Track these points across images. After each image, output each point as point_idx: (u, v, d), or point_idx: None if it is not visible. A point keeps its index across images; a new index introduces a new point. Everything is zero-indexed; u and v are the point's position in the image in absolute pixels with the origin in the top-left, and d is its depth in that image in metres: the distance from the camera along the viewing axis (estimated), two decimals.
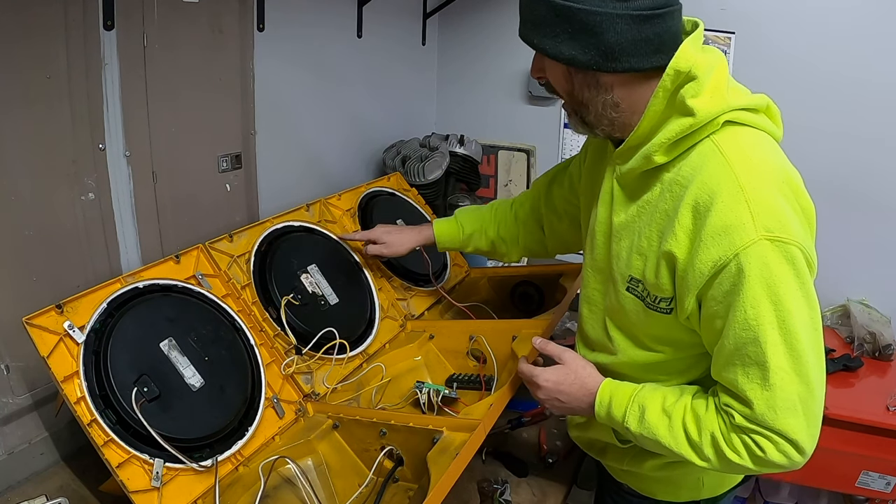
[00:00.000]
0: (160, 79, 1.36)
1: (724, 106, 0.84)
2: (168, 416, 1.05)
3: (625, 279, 0.96)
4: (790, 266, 0.80)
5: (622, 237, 0.96)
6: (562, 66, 0.89)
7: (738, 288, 0.80)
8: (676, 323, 0.91)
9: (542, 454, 1.33)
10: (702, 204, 0.83)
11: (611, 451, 1.16)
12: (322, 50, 1.86)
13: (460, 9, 2.36)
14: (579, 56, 0.84)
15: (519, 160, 2.38)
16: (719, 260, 0.80)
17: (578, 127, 0.97)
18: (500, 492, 1.19)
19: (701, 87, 0.83)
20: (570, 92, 0.92)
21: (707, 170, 0.84)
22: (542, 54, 0.90)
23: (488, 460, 1.31)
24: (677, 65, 0.83)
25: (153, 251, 1.41)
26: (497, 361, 1.42)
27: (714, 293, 0.83)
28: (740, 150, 0.84)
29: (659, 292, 0.90)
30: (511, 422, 1.41)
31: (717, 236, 0.80)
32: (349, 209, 1.68)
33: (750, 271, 0.79)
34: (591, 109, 0.91)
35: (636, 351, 1.01)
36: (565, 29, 0.83)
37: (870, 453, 1.66)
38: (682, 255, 0.85)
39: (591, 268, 1.07)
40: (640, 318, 0.96)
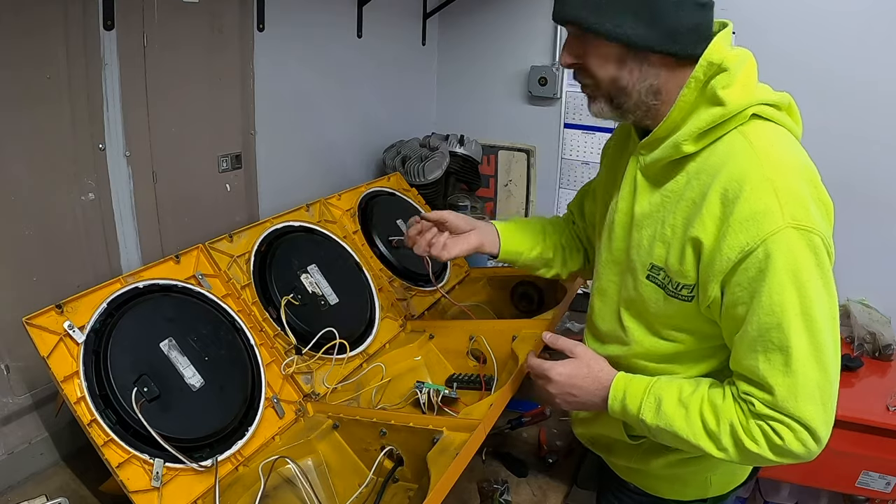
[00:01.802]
0: (160, 79, 1.36)
1: (752, 98, 0.87)
2: (168, 416, 1.05)
3: (645, 267, 0.96)
4: (813, 255, 0.82)
5: (644, 226, 0.97)
6: (616, 49, 0.88)
7: (763, 274, 0.82)
8: (696, 311, 0.92)
9: (542, 454, 1.33)
10: (731, 191, 0.84)
11: (618, 448, 1.15)
12: (322, 50, 1.86)
13: (460, 9, 2.36)
14: (644, 35, 0.85)
15: (519, 160, 2.38)
16: (747, 245, 0.82)
17: (607, 112, 0.95)
18: (500, 492, 1.19)
19: (732, 78, 0.86)
20: (615, 77, 0.90)
21: (736, 159, 0.86)
22: (597, 34, 0.87)
23: (488, 460, 1.31)
24: (710, 56, 0.86)
25: (153, 251, 1.41)
26: (497, 361, 1.42)
27: (739, 279, 0.84)
28: (767, 142, 0.87)
29: (681, 279, 0.91)
30: (511, 422, 1.41)
31: (746, 222, 0.82)
32: (349, 209, 1.68)
33: (777, 257, 0.81)
34: (632, 96, 0.91)
35: (652, 341, 1.01)
36: (629, 8, 0.85)
37: (870, 453, 1.66)
38: (709, 240, 0.86)
39: (608, 260, 1.07)
40: (660, 306, 0.96)
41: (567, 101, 2.28)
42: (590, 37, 0.89)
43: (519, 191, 2.39)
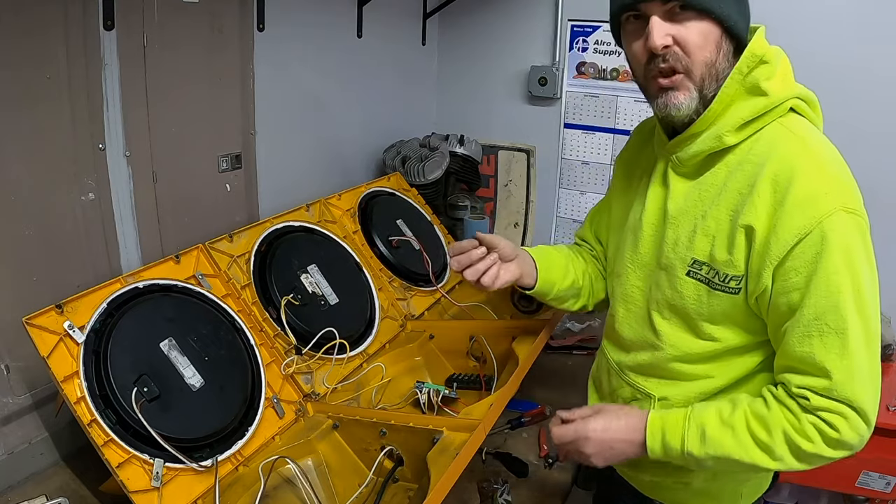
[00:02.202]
0: (160, 79, 1.36)
1: (792, 91, 0.90)
2: (168, 416, 1.05)
3: (686, 263, 0.94)
4: (862, 238, 0.84)
5: (680, 223, 0.95)
6: (717, 29, 0.86)
7: (821, 256, 0.82)
8: (742, 304, 0.91)
9: (542, 454, 1.33)
10: (782, 177, 0.84)
11: (645, 464, 1.06)
12: (322, 50, 1.86)
13: (460, 9, 2.36)
14: (740, 20, 0.87)
15: (519, 160, 2.37)
16: (803, 228, 0.82)
17: (693, 105, 0.89)
18: (500, 492, 1.19)
19: (772, 71, 0.88)
20: (712, 61, 0.87)
21: (782, 147, 0.87)
22: (706, 13, 0.85)
23: (488, 460, 1.31)
24: (754, 49, 0.88)
25: (153, 251, 1.41)
26: (497, 361, 1.42)
27: (795, 263, 0.84)
28: (808, 133, 0.89)
29: (730, 269, 0.89)
30: (511, 422, 1.41)
31: (801, 205, 0.82)
32: (349, 209, 1.68)
33: (833, 239, 0.81)
34: (718, 84, 0.89)
35: (689, 341, 0.98)
36: None
37: (870, 453, 1.65)
38: (763, 227, 0.85)
39: (632, 263, 1.04)
40: (702, 302, 0.94)
41: (567, 101, 2.28)
42: (691, 15, 0.85)
43: (519, 191, 2.38)
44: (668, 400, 1.02)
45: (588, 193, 2.34)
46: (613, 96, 2.20)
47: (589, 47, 2.19)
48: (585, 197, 2.34)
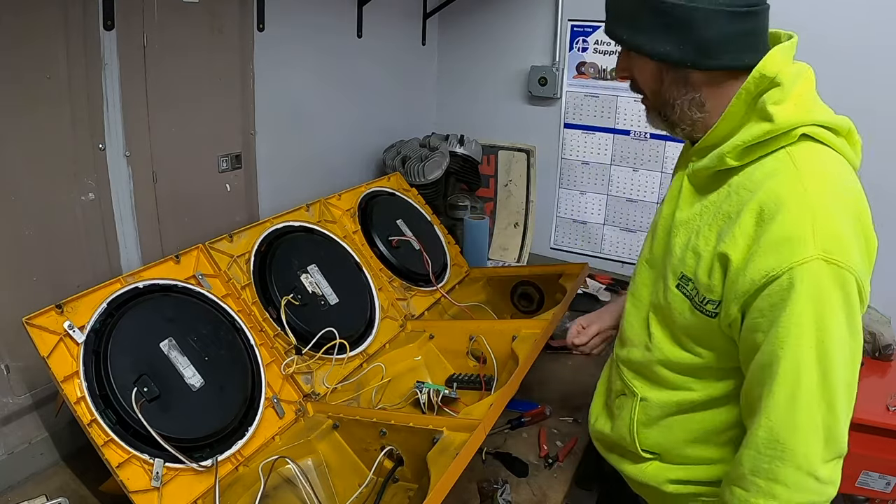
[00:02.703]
0: (160, 79, 1.36)
1: (804, 118, 0.83)
2: (168, 416, 1.05)
3: (676, 276, 0.94)
4: (841, 292, 0.78)
5: (680, 233, 0.96)
6: (653, 64, 0.88)
7: (784, 303, 0.78)
8: (719, 329, 0.89)
9: (542, 454, 1.33)
10: (766, 212, 0.81)
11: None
12: (322, 50, 1.86)
13: (460, 9, 2.36)
14: (674, 52, 0.84)
15: (519, 160, 2.37)
16: (772, 270, 0.79)
17: (658, 124, 0.97)
18: (500, 492, 1.19)
19: (784, 94, 0.83)
20: (658, 91, 0.91)
21: (777, 179, 0.82)
22: (633, 51, 0.89)
23: (488, 460, 1.31)
24: (763, 68, 0.82)
25: (153, 251, 1.41)
26: (497, 361, 1.42)
27: (760, 304, 0.81)
28: (815, 166, 0.83)
29: (708, 293, 0.88)
30: (511, 422, 1.41)
31: (776, 246, 0.79)
32: (349, 209, 1.68)
33: (800, 288, 0.77)
34: (675, 109, 0.91)
35: (674, 351, 0.98)
36: (660, 24, 0.83)
37: (870, 453, 1.66)
38: (737, 259, 0.83)
39: (647, 262, 1.06)
40: (686, 317, 0.93)
41: (567, 101, 2.28)
42: (632, 53, 0.90)
43: (519, 191, 2.38)
44: (648, 402, 1.03)
45: (588, 193, 2.34)
46: (613, 96, 2.20)
47: (589, 47, 2.20)
48: (585, 197, 2.35)
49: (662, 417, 1.03)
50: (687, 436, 1.01)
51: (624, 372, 1.09)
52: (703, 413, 0.99)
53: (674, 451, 1.03)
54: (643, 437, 1.05)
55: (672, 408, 1.01)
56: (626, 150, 2.24)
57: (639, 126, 2.20)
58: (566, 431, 1.42)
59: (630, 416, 1.05)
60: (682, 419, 1.01)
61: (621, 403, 1.09)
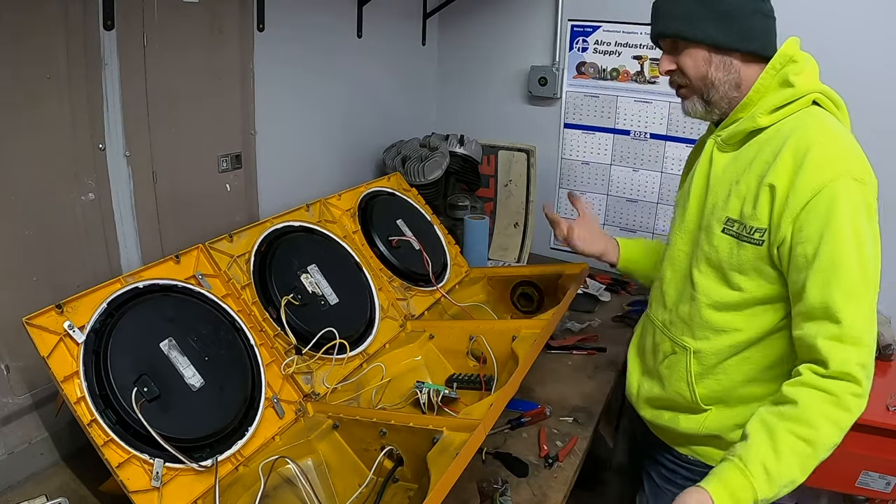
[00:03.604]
0: (160, 79, 1.36)
1: (816, 86, 1.08)
2: (168, 416, 1.05)
3: (721, 222, 1.11)
4: (864, 203, 0.98)
5: (718, 188, 1.14)
6: (703, 50, 1.10)
7: (830, 211, 0.97)
8: (765, 255, 1.06)
9: (542, 454, 1.33)
10: (801, 146, 1.01)
11: None
12: (322, 50, 1.86)
13: (460, 9, 2.36)
14: (723, 38, 1.08)
15: (519, 160, 2.37)
16: (816, 186, 0.98)
17: (699, 109, 1.16)
18: (500, 492, 1.19)
19: (801, 68, 1.08)
20: (705, 74, 1.11)
21: (804, 127, 1.04)
22: (687, 41, 1.10)
23: (488, 460, 1.31)
24: (786, 50, 1.08)
25: (153, 251, 1.41)
26: (497, 361, 1.42)
27: (808, 216, 0.99)
28: (828, 120, 1.06)
29: (755, 222, 1.05)
30: (511, 422, 1.41)
31: (815, 168, 0.99)
32: (349, 209, 1.68)
33: (840, 199, 0.97)
34: (719, 89, 1.12)
35: (720, 290, 1.13)
36: (711, 17, 1.07)
37: (870, 453, 1.66)
38: (783, 185, 1.01)
39: (680, 230, 1.23)
40: (733, 253, 1.09)
41: (567, 101, 2.28)
42: (682, 44, 1.11)
43: (519, 191, 2.38)
44: (701, 352, 1.17)
45: (588, 193, 2.34)
46: (613, 96, 2.21)
47: (589, 47, 2.20)
48: (585, 197, 2.34)
49: (717, 364, 1.16)
50: (742, 377, 1.15)
51: (672, 332, 1.22)
52: (752, 351, 1.13)
53: (732, 394, 1.16)
54: (701, 387, 1.18)
55: (724, 352, 1.14)
56: (625, 150, 2.24)
57: (639, 126, 2.20)
58: (566, 431, 1.42)
59: (686, 369, 1.18)
60: (735, 361, 1.14)
61: (672, 363, 1.22)
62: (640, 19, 2.08)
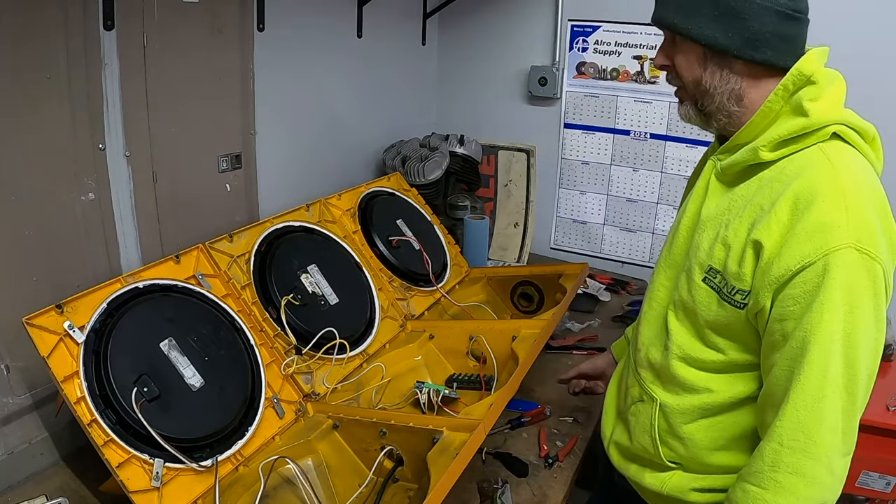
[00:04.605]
0: (160, 79, 1.36)
1: (837, 116, 0.87)
2: (168, 416, 1.05)
3: (703, 269, 0.95)
4: (871, 282, 0.80)
5: (707, 228, 0.96)
6: (698, 50, 0.91)
7: (818, 289, 0.80)
8: (746, 320, 0.90)
9: (542, 454, 1.33)
10: (802, 200, 0.83)
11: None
12: (322, 50, 1.86)
13: (460, 9, 2.36)
14: (721, 39, 0.88)
15: (519, 160, 2.37)
16: (807, 257, 0.80)
17: (693, 117, 0.98)
18: (500, 492, 1.19)
19: (819, 92, 0.86)
20: (698, 79, 0.93)
21: (812, 171, 0.85)
22: (681, 36, 0.91)
23: (488, 460, 1.31)
24: (802, 67, 0.87)
25: (153, 251, 1.41)
26: (497, 361, 1.42)
27: (793, 292, 0.82)
28: (846, 163, 0.86)
29: (738, 283, 0.89)
30: (511, 422, 1.41)
31: (812, 233, 0.81)
32: (349, 209, 1.68)
33: (834, 274, 0.79)
34: (714, 99, 0.93)
35: (695, 346, 0.98)
36: (711, 11, 0.87)
37: (870, 453, 1.66)
38: (771, 245, 0.84)
39: (665, 262, 1.06)
40: (712, 311, 0.94)
41: (567, 101, 2.28)
42: (678, 39, 0.93)
43: (519, 191, 2.38)
44: (668, 408, 1.02)
45: (588, 193, 2.34)
46: (613, 96, 2.21)
47: (589, 47, 2.20)
48: (585, 197, 2.35)
49: (685, 423, 1.01)
50: (711, 443, 1.00)
51: (642, 376, 1.07)
52: (727, 416, 0.98)
53: (698, 458, 1.01)
54: (665, 446, 1.03)
55: (693, 413, 1.00)
56: (625, 150, 2.24)
57: (639, 126, 2.20)
58: (566, 431, 1.42)
59: (651, 422, 1.04)
60: (703, 425, 1.00)
61: (638, 410, 1.07)
62: (640, 19, 2.08)
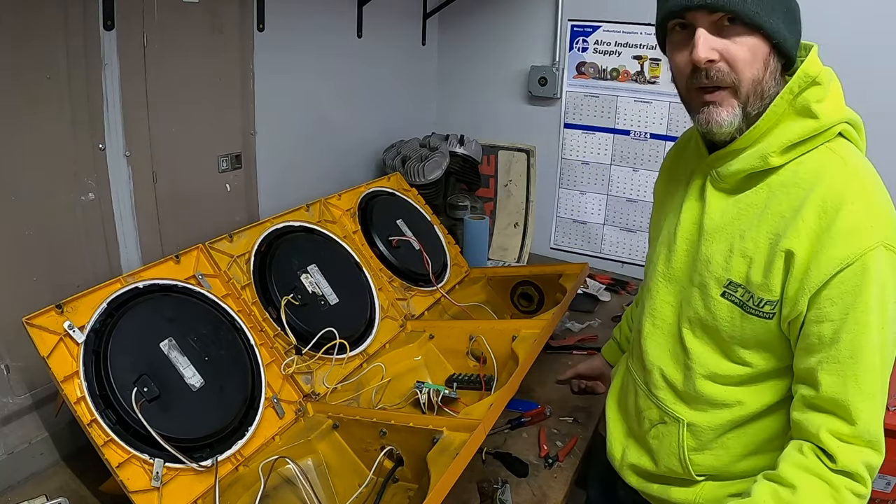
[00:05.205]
0: (160, 79, 1.36)
1: (843, 115, 0.87)
2: (168, 416, 1.05)
3: (721, 284, 0.92)
4: (894, 276, 0.82)
5: (715, 240, 0.93)
6: (766, 48, 0.84)
7: (860, 289, 0.80)
8: (775, 330, 0.89)
9: (542, 454, 1.33)
10: (830, 205, 0.82)
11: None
12: (322, 50, 1.86)
13: (460, 9, 2.36)
14: (790, 39, 0.85)
15: (519, 160, 2.37)
16: (846, 258, 0.80)
17: (735, 122, 0.87)
18: (500, 492, 1.19)
19: (824, 93, 0.86)
20: (759, 79, 0.86)
21: (832, 173, 0.84)
22: (758, 28, 0.83)
23: (488, 460, 1.31)
24: (808, 69, 0.85)
25: (153, 251, 1.41)
26: (497, 361, 1.42)
27: (832, 293, 0.82)
28: (858, 161, 0.86)
29: (766, 294, 0.87)
30: (511, 422, 1.41)
31: (846, 235, 0.81)
32: (349, 209, 1.68)
33: (873, 273, 0.80)
34: (763, 102, 0.87)
35: (720, 363, 0.95)
36: (781, 8, 0.84)
37: None
38: (803, 253, 0.83)
39: (664, 278, 1.02)
40: (736, 325, 0.91)
41: (567, 101, 2.28)
42: (741, 30, 0.83)
43: (519, 191, 2.38)
44: (697, 426, 0.99)
45: (588, 193, 2.34)
46: (613, 96, 2.20)
47: (589, 47, 2.20)
48: (585, 197, 2.35)
49: (715, 438, 0.98)
50: (743, 450, 0.98)
51: (661, 398, 1.03)
52: (756, 424, 0.96)
53: (730, 468, 0.99)
54: (696, 461, 1.01)
55: (724, 427, 0.97)
56: (625, 150, 2.24)
57: (639, 126, 2.20)
58: (566, 431, 1.42)
59: (678, 444, 1.01)
60: (735, 434, 0.98)
61: (662, 433, 1.04)
62: (640, 19, 2.08)
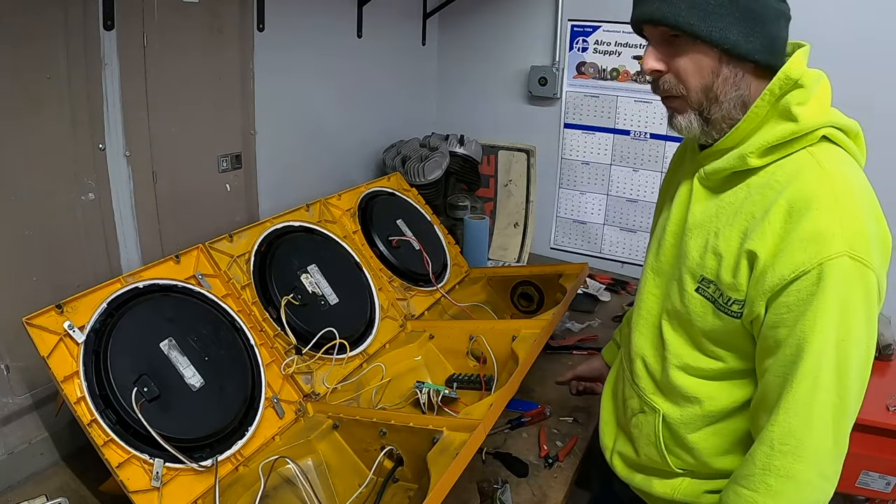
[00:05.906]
0: (160, 79, 1.36)
1: (826, 119, 0.86)
2: (168, 416, 1.05)
3: (695, 279, 0.93)
4: (863, 290, 0.80)
5: (694, 234, 0.95)
6: (713, 54, 0.85)
7: (812, 297, 0.79)
8: (743, 328, 0.90)
9: (542, 454, 1.33)
10: (796, 208, 0.82)
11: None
12: (322, 50, 1.86)
13: (460, 9, 2.36)
14: (744, 43, 0.84)
15: (519, 160, 2.37)
16: (802, 265, 0.80)
17: (694, 127, 0.91)
18: (500, 492, 1.19)
19: (807, 96, 0.85)
20: (709, 85, 0.87)
21: (805, 178, 0.83)
22: (696, 38, 0.84)
23: (488, 460, 1.31)
24: (789, 71, 0.85)
25: (153, 251, 1.41)
26: (497, 361, 1.42)
27: (787, 300, 0.82)
28: (838, 167, 0.84)
29: (734, 293, 0.88)
30: (511, 422, 1.41)
31: (806, 242, 0.80)
32: (349, 209, 1.68)
33: (829, 283, 0.78)
34: (722, 107, 0.88)
35: (694, 355, 0.97)
36: (732, 13, 0.83)
37: (870, 453, 1.66)
38: (765, 255, 0.83)
39: (653, 270, 1.04)
40: (707, 321, 0.92)
41: (567, 101, 2.28)
42: (685, 41, 0.85)
43: (519, 191, 2.38)
44: (671, 420, 1.01)
45: (588, 193, 2.34)
46: (613, 96, 2.21)
47: (589, 47, 2.20)
48: (585, 197, 2.35)
49: (690, 433, 1.00)
50: (717, 449, 0.99)
51: (641, 387, 1.05)
52: (729, 422, 0.97)
53: (706, 465, 1.00)
54: (672, 455, 1.03)
55: (698, 422, 0.99)
56: (625, 150, 2.24)
57: (639, 126, 2.20)
58: (566, 431, 1.42)
59: (655, 433, 1.03)
60: (709, 431, 0.99)
61: (640, 422, 1.06)
62: None
